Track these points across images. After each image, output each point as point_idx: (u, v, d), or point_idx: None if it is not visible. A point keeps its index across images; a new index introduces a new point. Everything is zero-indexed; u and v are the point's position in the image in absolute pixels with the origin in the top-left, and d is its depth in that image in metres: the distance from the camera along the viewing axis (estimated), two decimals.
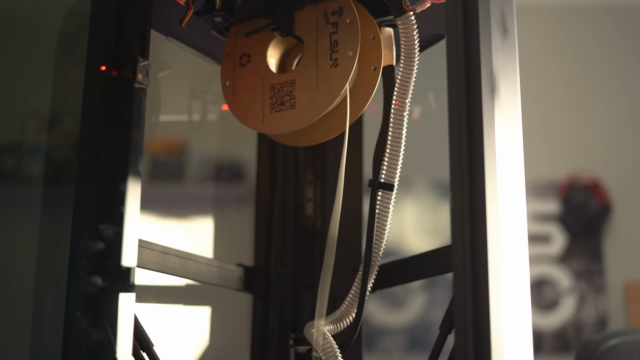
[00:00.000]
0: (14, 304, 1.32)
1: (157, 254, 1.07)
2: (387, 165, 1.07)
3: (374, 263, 1.09)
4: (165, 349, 1.05)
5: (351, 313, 1.08)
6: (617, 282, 2.81)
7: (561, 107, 2.96)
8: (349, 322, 1.09)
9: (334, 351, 1.03)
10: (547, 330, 2.76)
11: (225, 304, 1.58)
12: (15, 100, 1.47)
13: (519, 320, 0.89)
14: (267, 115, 1.08)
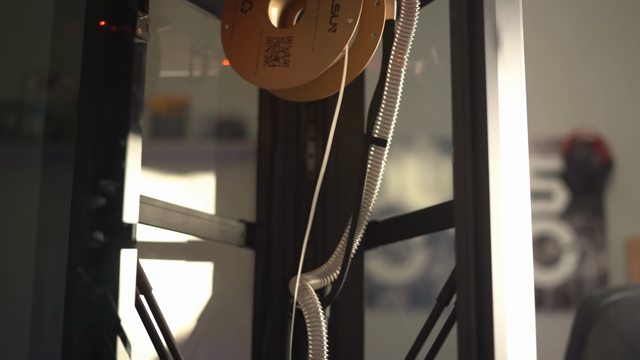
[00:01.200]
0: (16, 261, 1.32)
1: (159, 210, 1.07)
2: (382, 120, 1.06)
3: (362, 219, 1.08)
4: (167, 305, 1.05)
5: (337, 268, 1.08)
6: (618, 238, 2.81)
7: (564, 63, 2.94)
8: (334, 277, 1.08)
9: (316, 306, 1.03)
10: (548, 286, 2.77)
11: (227, 260, 1.59)
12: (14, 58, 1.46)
13: (520, 276, 0.89)
14: (260, 68, 1.07)
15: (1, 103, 1.53)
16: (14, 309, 1.30)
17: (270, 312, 1.27)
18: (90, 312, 0.86)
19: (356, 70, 1.06)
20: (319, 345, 1.01)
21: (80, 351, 0.85)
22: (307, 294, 1.04)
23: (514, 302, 0.87)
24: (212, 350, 1.68)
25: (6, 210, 1.35)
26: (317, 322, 1.02)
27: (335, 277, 1.08)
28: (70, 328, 0.86)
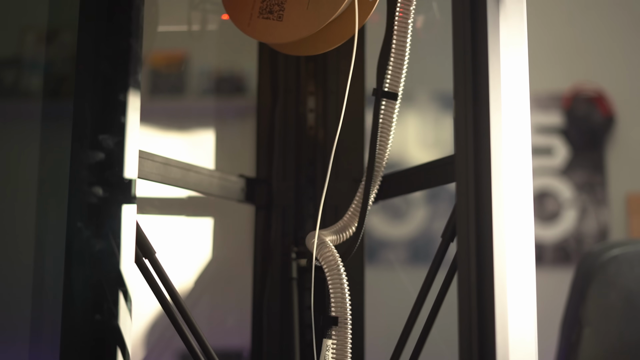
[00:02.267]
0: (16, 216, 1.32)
1: (159, 165, 1.07)
2: (391, 74, 1.06)
3: (376, 173, 1.08)
4: (168, 259, 1.06)
5: (353, 224, 1.08)
6: (619, 194, 2.81)
7: (566, 18, 2.92)
8: (350, 233, 1.09)
9: (336, 261, 1.03)
10: (548, 242, 2.77)
11: (227, 216, 1.59)
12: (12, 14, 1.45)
13: (521, 230, 0.89)
14: (254, 18, 1.06)
15: (0, 59, 1.53)
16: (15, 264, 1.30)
17: (271, 268, 1.27)
18: (90, 267, 0.86)
19: (353, 28, 1.05)
20: (341, 298, 1.02)
21: (81, 305, 0.85)
22: (326, 247, 1.04)
23: (515, 257, 0.87)
24: (213, 305, 1.69)
25: (6, 167, 1.35)
26: (337, 275, 1.02)
27: (351, 234, 1.08)
28: (70, 283, 0.86)
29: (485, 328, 0.83)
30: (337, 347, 1.01)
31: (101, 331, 0.84)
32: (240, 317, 1.43)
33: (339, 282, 1.02)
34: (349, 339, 1.02)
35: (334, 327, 1.01)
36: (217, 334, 1.71)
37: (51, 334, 1.24)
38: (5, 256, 1.31)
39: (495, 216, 0.86)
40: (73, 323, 0.86)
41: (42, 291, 1.24)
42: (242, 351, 1.46)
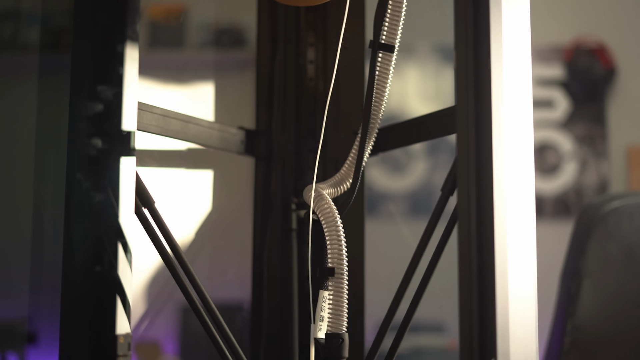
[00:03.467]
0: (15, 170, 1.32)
1: (158, 117, 1.06)
2: (388, 26, 1.05)
3: (372, 126, 1.07)
4: (168, 212, 1.06)
5: (350, 177, 1.08)
6: (619, 146, 2.81)
7: None
8: (348, 186, 1.08)
9: (333, 213, 1.03)
10: (548, 194, 2.78)
11: (227, 168, 1.59)
12: None
13: (521, 182, 0.89)
14: None
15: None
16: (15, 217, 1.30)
17: (271, 219, 1.27)
18: (90, 219, 0.86)
19: None
20: (337, 250, 1.02)
21: (81, 257, 0.85)
22: (323, 200, 1.04)
23: (515, 209, 0.87)
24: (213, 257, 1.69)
25: (4, 121, 1.35)
26: (334, 227, 1.02)
27: (348, 186, 1.08)
28: (70, 235, 0.86)
29: (485, 279, 0.84)
30: (333, 298, 1.01)
31: (101, 283, 0.85)
32: (241, 269, 1.44)
33: (336, 234, 1.02)
34: (345, 290, 1.02)
35: (331, 278, 1.02)
36: (218, 286, 1.71)
37: (51, 285, 1.24)
38: (4, 210, 1.31)
39: (495, 168, 0.85)
40: (73, 275, 0.86)
41: (41, 244, 1.24)
42: (243, 303, 1.46)
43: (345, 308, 1.02)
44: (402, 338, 1.02)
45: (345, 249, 1.02)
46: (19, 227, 1.29)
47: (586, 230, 1.47)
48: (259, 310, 1.26)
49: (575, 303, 1.44)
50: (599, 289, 1.46)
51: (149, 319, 1.76)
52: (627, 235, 1.47)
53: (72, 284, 0.86)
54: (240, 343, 1.11)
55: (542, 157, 2.78)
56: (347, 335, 1.00)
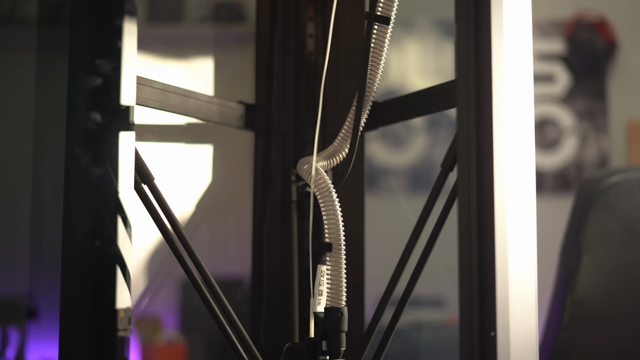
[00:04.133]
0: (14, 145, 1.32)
1: (157, 91, 1.06)
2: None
3: (367, 98, 1.07)
4: (168, 187, 1.05)
5: (344, 148, 1.07)
6: (620, 121, 2.80)
7: None
8: (342, 158, 1.08)
9: (328, 187, 1.02)
10: (549, 169, 2.77)
11: (226, 142, 1.58)
12: None
13: (522, 156, 0.88)
14: None
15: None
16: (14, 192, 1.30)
17: (271, 194, 1.27)
18: (89, 193, 0.85)
19: None
20: (334, 224, 1.02)
21: (81, 232, 0.85)
22: (318, 174, 1.03)
23: (515, 183, 0.87)
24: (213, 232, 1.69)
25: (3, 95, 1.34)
26: (330, 201, 1.02)
27: (343, 158, 1.08)
28: (70, 209, 0.86)
29: (485, 254, 0.84)
30: (332, 273, 1.01)
31: (101, 257, 0.85)
32: (241, 243, 1.44)
33: (332, 208, 1.02)
34: (343, 264, 1.02)
35: (329, 252, 1.02)
36: (218, 261, 1.72)
37: (51, 260, 1.24)
38: (4, 185, 1.31)
39: (496, 142, 0.85)
40: (73, 250, 0.86)
41: (41, 219, 1.24)
42: (243, 278, 1.46)
43: (344, 282, 1.02)
44: (401, 312, 1.02)
45: (342, 223, 1.02)
46: (18, 202, 1.29)
47: (586, 205, 1.47)
48: (259, 284, 1.26)
49: (575, 277, 1.45)
50: (598, 263, 1.46)
51: (149, 295, 1.76)
52: (627, 210, 1.47)
53: (72, 259, 0.86)
54: (241, 318, 1.11)
55: (542, 132, 2.78)
56: (346, 309, 1.01)
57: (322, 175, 1.03)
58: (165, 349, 2.41)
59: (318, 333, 1.01)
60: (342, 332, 1.00)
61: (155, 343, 2.40)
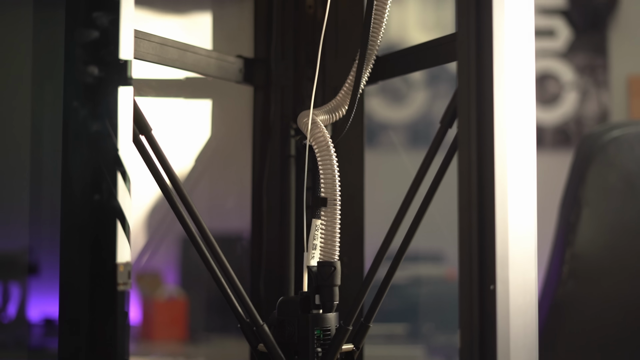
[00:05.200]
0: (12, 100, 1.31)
1: (155, 45, 1.05)
2: None
3: (370, 52, 1.06)
4: (167, 142, 1.05)
5: (346, 104, 1.07)
6: (620, 76, 2.79)
7: None
8: (343, 113, 1.07)
9: (326, 141, 1.02)
10: (549, 124, 2.77)
11: (225, 97, 1.58)
12: None
13: (523, 111, 0.88)
14: None
15: None
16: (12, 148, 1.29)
17: (270, 149, 1.26)
18: (88, 147, 0.85)
19: None
20: (331, 178, 1.02)
21: (80, 186, 0.85)
22: (317, 128, 1.03)
23: (515, 137, 0.87)
24: (212, 187, 1.69)
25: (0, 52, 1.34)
26: (328, 156, 1.02)
27: (344, 113, 1.07)
28: (68, 163, 0.85)
29: (484, 208, 0.83)
30: (326, 227, 1.02)
31: (101, 211, 0.85)
32: (240, 199, 1.44)
33: (329, 162, 1.02)
34: (337, 219, 1.02)
35: (323, 207, 1.02)
36: (217, 216, 1.72)
37: (51, 216, 1.24)
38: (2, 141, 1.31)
39: (496, 95, 0.85)
40: (72, 204, 0.86)
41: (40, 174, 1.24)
42: (242, 233, 1.47)
43: (338, 237, 1.02)
44: (397, 265, 1.02)
45: (339, 177, 1.02)
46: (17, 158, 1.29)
47: (586, 160, 1.47)
48: (258, 239, 1.26)
49: (574, 232, 1.45)
50: (598, 218, 1.46)
51: (150, 250, 1.77)
52: (627, 165, 1.47)
53: (71, 214, 0.86)
54: (241, 272, 1.12)
55: (542, 86, 2.77)
56: (339, 263, 1.01)
57: (320, 128, 1.03)
58: (166, 305, 2.42)
59: (311, 287, 1.01)
60: (335, 286, 1.00)
61: (156, 298, 2.41)
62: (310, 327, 1.00)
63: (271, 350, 1.00)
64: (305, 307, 1.01)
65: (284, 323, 1.01)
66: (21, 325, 1.30)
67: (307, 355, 0.99)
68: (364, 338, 1.05)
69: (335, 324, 1.02)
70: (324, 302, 1.01)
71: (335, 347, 1.00)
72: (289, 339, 1.00)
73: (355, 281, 1.18)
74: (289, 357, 1.00)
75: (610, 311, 1.47)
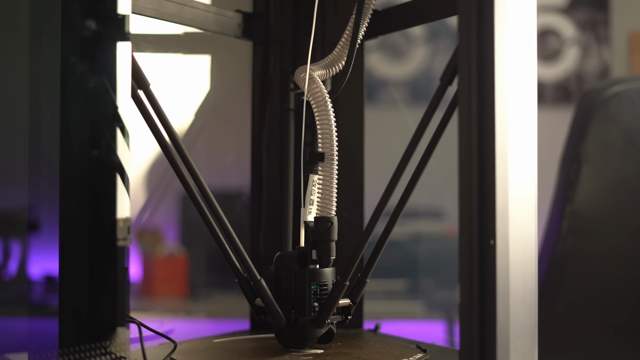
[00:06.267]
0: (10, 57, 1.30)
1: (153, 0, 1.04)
2: None
3: (367, 5, 1.05)
4: (166, 98, 1.04)
5: (343, 58, 1.06)
6: (622, 32, 2.78)
7: None
8: (340, 67, 1.07)
9: (323, 96, 1.02)
10: (549, 80, 2.76)
11: (224, 53, 1.57)
12: None
13: (524, 68, 0.87)
14: None
15: None
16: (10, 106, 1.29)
17: (270, 105, 1.26)
18: (86, 103, 0.85)
19: None
20: (328, 134, 1.01)
21: (78, 142, 0.85)
22: (314, 83, 1.02)
23: (516, 93, 0.86)
24: (211, 143, 1.69)
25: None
26: (325, 111, 1.01)
27: (341, 68, 1.06)
28: (66, 119, 0.85)
29: (485, 164, 0.83)
30: (323, 182, 1.01)
31: (100, 167, 0.84)
32: (240, 155, 1.43)
33: (327, 117, 1.01)
34: (334, 174, 1.02)
35: (321, 163, 1.01)
36: (217, 173, 1.72)
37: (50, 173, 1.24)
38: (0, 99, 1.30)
39: (497, 48, 0.84)
40: (71, 160, 0.86)
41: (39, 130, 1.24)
42: (242, 189, 1.47)
43: (335, 192, 1.01)
44: (395, 221, 1.02)
45: (337, 133, 1.01)
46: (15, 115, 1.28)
47: (587, 116, 1.46)
48: (258, 195, 1.26)
49: (574, 188, 1.45)
50: (598, 174, 1.46)
51: (150, 207, 1.77)
52: (627, 121, 1.46)
53: (70, 169, 0.86)
54: (241, 229, 1.12)
55: (543, 42, 2.75)
56: (336, 218, 1.01)
57: (317, 83, 1.02)
58: (166, 261, 2.43)
59: (308, 242, 1.01)
60: (331, 242, 1.01)
61: (156, 255, 2.42)
62: (307, 282, 1.00)
63: (268, 305, 1.00)
64: (302, 262, 1.01)
65: (281, 278, 1.01)
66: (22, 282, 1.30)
67: (304, 310, 0.99)
68: (360, 293, 1.05)
69: (332, 279, 1.02)
70: (320, 257, 1.01)
71: (332, 302, 1.00)
72: (286, 294, 1.01)
73: (355, 237, 1.19)
74: (286, 311, 1.00)
75: (609, 267, 1.47)
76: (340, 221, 1.02)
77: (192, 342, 1.08)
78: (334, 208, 1.02)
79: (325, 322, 1.00)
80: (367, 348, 1.05)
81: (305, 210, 1.02)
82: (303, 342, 1.01)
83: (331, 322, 1.02)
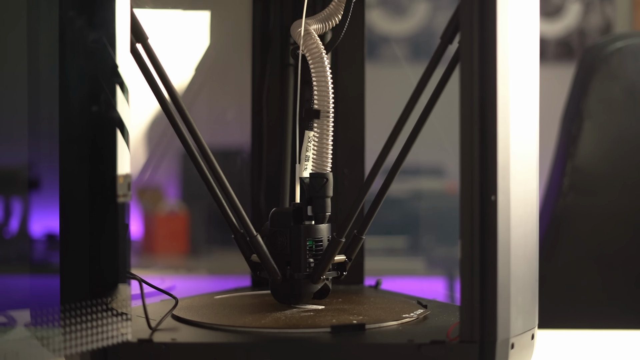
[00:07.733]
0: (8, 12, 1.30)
1: None
2: None
3: None
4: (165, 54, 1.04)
5: (340, 12, 1.04)
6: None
7: None
8: (336, 21, 1.05)
9: (319, 51, 1.00)
10: (551, 37, 2.74)
11: (224, 8, 1.56)
12: None
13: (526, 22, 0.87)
14: None
15: None
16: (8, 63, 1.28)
17: (270, 60, 1.25)
18: (85, 58, 0.84)
19: None
20: (324, 90, 1.00)
21: (77, 97, 0.84)
22: (310, 38, 1.01)
23: (518, 49, 0.85)
24: (212, 100, 1.68)
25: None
26: (321, 66, 1.00)
27: (337, 22, 1.05)
28: (65, 75, 0.85)
29: (486, 120, 0.83)
30: (318, 139, 1.01)
31: (99, 122, 0.84)
32: (240, 112, 1.43)
33: (323, 73, 1.00)
34: (330, 130, 1.01)
35: (316, 119, 1.01)
36: (217, 130, 1.71)
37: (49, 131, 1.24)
38: None
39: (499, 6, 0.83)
40: (70, 116, 0.85)
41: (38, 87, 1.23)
42: (243, 146, 1.46)
43: (330, 149, 1.01)
44: (393, 177, 1.01)
45: (333, 89, 1.00)
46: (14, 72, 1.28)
47: (589, 71, 1.46)
48: (258, 152, 1.26)
49: (576, 144, 1.45)
50: (599, 130, 1.46)
51: (151, 165, 1.77)
52: (630, 76, 1.46)
53: (69, 126, 0.85)
54: (241, 186, 1.11)
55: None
56: (331, 175, 1.00)
57: (314, 38, 1.01)
58: (167, 219, 2.44)
59: (304, 198, 1.01)
60: (326, 198, 1.00)
61: (157, 213, 2.43)
62: (302, 238, 1.00)
63: (264, 261, 1.00)
64: (297, 218, 1.01)
65: (277, 234, 1.01)
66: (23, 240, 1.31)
67: (299, 266, 1.00)
68: (356, 250, 1.05)
69: (328, 236, 1.02)
70: (315, 213, 1.00)
71: (327, 258, 1.00)
72: (282, 250, 1.01)
73: (355, 193, 1.19)
74: (282, 267, 1.00)
75: (610, 223, 1.47)
76: (341, 177, 1.02)
77: (193, 299, 1.08)
78: (330, 164, 1.01)
79: (320, 278, 1.00)
80: (367, 304, 1.05)
81: (301, 167, 1.02)
82: (298, 297, 1.01)
83: (326, 278, 1.02)
